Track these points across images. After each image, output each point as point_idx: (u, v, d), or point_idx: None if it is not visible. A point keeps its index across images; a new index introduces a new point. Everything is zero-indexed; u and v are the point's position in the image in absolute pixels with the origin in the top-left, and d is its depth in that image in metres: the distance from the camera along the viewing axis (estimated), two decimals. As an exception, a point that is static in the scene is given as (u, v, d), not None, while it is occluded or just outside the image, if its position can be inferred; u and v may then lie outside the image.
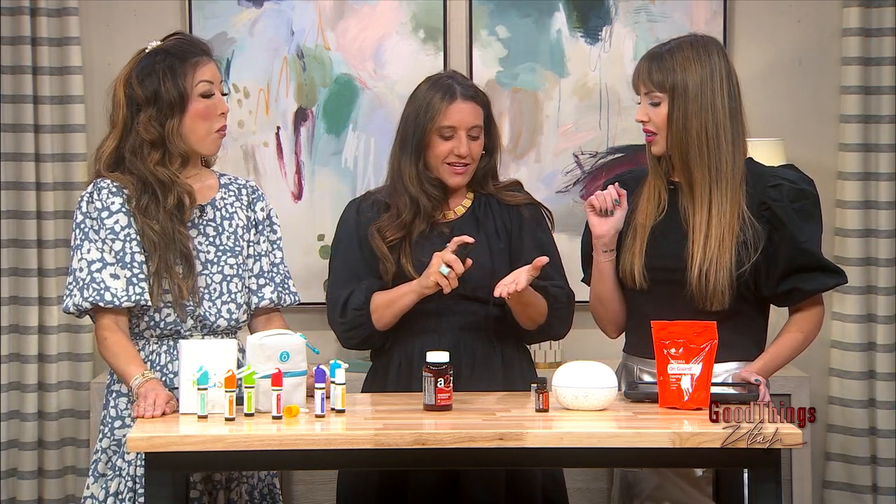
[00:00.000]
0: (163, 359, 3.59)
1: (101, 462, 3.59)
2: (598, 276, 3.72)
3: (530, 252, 3.83)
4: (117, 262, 3.54)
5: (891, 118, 5.05)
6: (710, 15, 5.11)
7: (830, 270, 3.64)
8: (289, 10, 5.10)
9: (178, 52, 3.59)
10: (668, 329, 3.43)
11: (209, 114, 3.60)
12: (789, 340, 3.64)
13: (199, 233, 3.62)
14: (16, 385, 5.03)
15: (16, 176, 5.00)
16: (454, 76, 3.92)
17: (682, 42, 3.64)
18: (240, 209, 3.69)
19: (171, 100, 3.56)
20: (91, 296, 3.52)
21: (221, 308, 3.61)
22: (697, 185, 3.59)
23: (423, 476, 3.75)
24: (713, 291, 3.55)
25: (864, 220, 5.08)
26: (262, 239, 3.71)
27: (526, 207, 3.91)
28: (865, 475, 5.10)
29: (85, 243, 3.56)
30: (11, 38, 4.96)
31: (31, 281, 5.01)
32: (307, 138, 5.13)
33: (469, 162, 3.82)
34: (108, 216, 3.56)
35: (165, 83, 3.56)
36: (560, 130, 5.15)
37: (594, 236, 3.68)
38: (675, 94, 3.58)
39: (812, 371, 5.09)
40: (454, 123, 3.81)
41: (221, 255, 3.63)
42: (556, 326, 3.85)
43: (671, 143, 3.60)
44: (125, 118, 3.58)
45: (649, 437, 3.22)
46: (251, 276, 3.68)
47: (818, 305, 3.68)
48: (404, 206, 3.82)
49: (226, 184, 3.72)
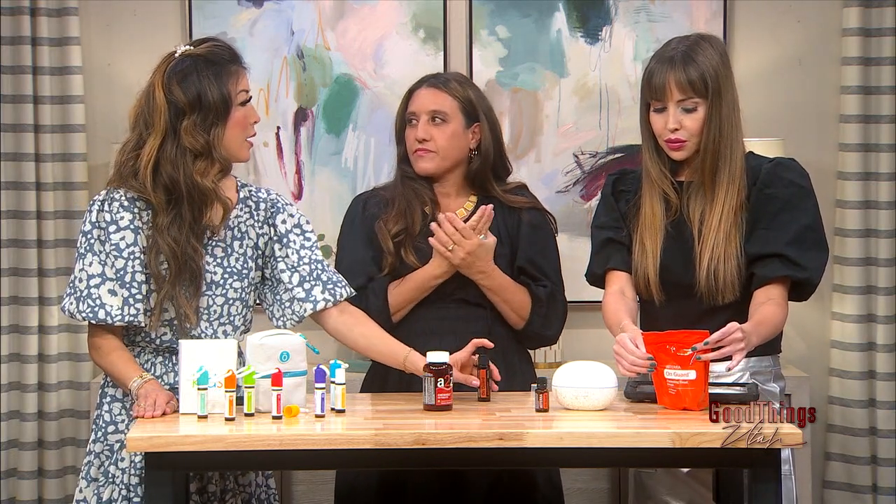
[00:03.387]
0: (158, 370, 3.55)
1: (94, 466, 3.55)
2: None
3: (523, 257, 3.85)
4: (117, 280, 3.47)
5: (891, 118, 5.05)
6: (710, 15, 5.11)
7: (790, 261, 3.55)
8: (289, 10, 5.10)
9: (217, 59, 3.52)
10: (659, 338, 3.41)
11: (246, 123, 3.57)
12: (764, 314, 3.54)
13: (208, 253, 3.55)
14: (16, 385, 5.03)
15: (16, 176, 5.00)
16: (441, 73, 3.98)
17: (696, 40, 3.60)
18: (252, 227, 3.62)
19: (216, 106, 3.49)
20: (85, 311, 3.48)
21: (218, 329, 3.55)
22: (721, 184, 3.58)
23: (421, 476, 3.75)
24: (724, 284, 3.55)
25: (864, 220, 5.08)
26: (290, 252, 3.63)
27: (527, 211, 3.91)
28: (865, 475, 5.10)
29: (88, 255, 3.50)
30: (11, 38, 4.96)
31: (31, 281, 5.01)
32: (307, 138, 5.13)
33: (432, 148, 3.85)
34: (115, 231, 3.49)
35: (211, 89, 3.48)
36: (560, 130, 5.15)
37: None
38: (713, 95, 3.54)
39: (812, 371, 5.09)
40: (414, 108, 3.90)
41: (228, 278, 3.56)
42: (536, 323, 3.86)
43: (706, 146, 3.57)
44: (167, 123, 3.48)
45: (649, 437, 3.22)
46: (293, 286, 3.61)
47: (778, 305, 3.55)
48: (400, 196, 3.86)
49: (244, 198, 3.64)
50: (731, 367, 3.41)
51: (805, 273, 3.57)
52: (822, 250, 3.62)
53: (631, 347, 3.41)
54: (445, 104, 3.87)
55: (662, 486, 3.70)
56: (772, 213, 3.57)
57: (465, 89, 3.91)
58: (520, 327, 3.86)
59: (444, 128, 3.87)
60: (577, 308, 4.48)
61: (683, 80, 3.54)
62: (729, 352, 3.36)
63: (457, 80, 3.95)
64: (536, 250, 3.88)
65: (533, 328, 3.86)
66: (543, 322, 3.86)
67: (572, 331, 4.49)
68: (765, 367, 3.64)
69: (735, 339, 3.36)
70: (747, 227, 3.58)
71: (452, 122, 3.87)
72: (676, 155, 3.61)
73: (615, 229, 3.70)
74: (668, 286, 3.62)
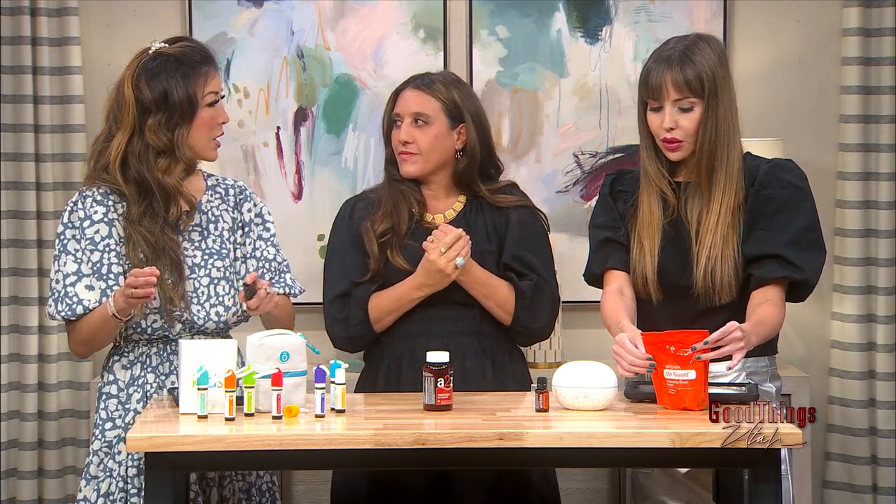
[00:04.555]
0: (153, 360, 3.60)
1: (94, 464, 3.59)
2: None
3: (510, 252, 3.84)
4: (93, 274, 3.54)
5: (891, 118, 5.05)
6: (710, 15, 5.11)
7: (788, 262, 3.54)
8: (289, 10, 5.10)
9: (188, 60, 3.58)
10: (659, 338, 3.41)
11: (213, 123, 3.61)
12: (762, 314, 3.54)
13: (185, 238, 3.62)
14: (16, 385, 5.03)
15: (16, 176, 5.00)
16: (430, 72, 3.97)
17: (694, 40, 3.59)
18: (226, 211, 3.69)
19: (181, 106, 3.55)
20: (63, 310, 3.55)
21: (210, 311, 3.60)
22: (718, 185, 3.57)
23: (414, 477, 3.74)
24: (721, 285, 3.55)
25: (864, 220, 5.08)
26: (248, 241, 3.70)
27: (515, 209, 3.91)
28: (865, 475, 5.10)
29: (62, 255, 3.57)
30: (11, 38, 4.96)
31: (31, 281, 5.01)
32: (307, 138, 5.13)
33: (414, 151, 3.85)
34: (88, 225, 3.56)
35: (178, 89, 3.55)
36: (560, 130, 5.15)
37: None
38: (710, 97, 3.54)
39: (812, 371, 5.09)
40: (399, 110, 3.90)
41: (208, 259, 3.63)
42: (523, 317, 3.84)
43: (702, 146, 3.56)
44: (134, 119, 3.56)
45: (649, 437, 3.22)
46: (238, 278, 3.68)
47: (776, 306, 3.55)
48: (386, 197, 3.87)
49: (212, 185, 3.72)
50: (731, 367, 3.41)
51: (803, 274, 3.57)
52: (820, 251, 3.62)
53: (630, 347, 3.41)
54: (428, 106, 3.86)
55: (659, 487, 3.70)
56: (769, 214, 3.57)
57: (449, 90, 3.88)
58: (508, 323, 3.86)
59: (427, 130, 3.86)
60: (577, 308, 4.49)
61: (680, 79, 3.54)
62: (728, 351, 3.36)
63: (442, 80, 3.92)
64: (523, 246, 3.87)
65: (519, 322, 3.85)
66: (529, 314, 3.84)
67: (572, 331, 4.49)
68: (761, 367, 3.64)
69: (735, 339, 3.36)
70: (745, 229, 3.58)
71: (435, 125, 3.86)
72: (673, 155, 3.60)
73: (613, 229, 3.70)
74: (665, 286, 3.62)
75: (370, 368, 3.89)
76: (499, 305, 3.83)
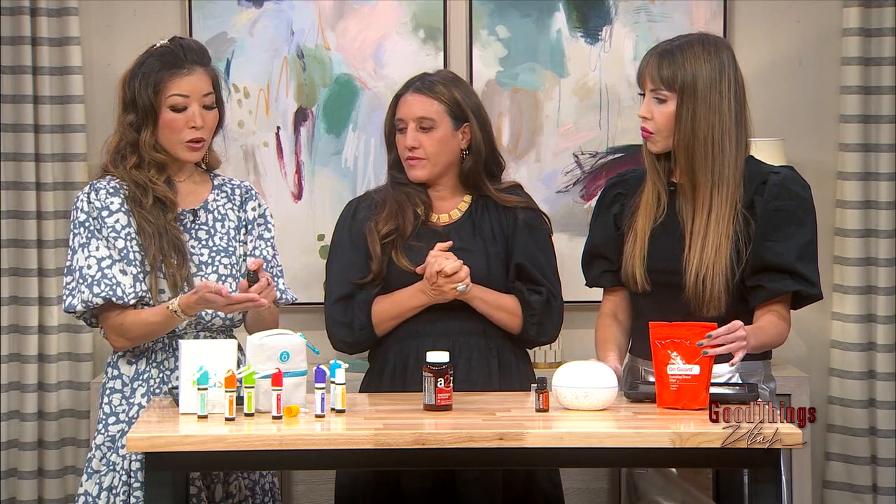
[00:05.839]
0: (159, 356, 3.62)
1: (96, 459, 3.60)
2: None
3: (519, 257, 3.84)
4: (122, 259, 3.56)
5: (891, 118, 5.05)
6: (710, 15, 5.11)
7: (801, 277, 3.56)
8: (289, 10, 5.10)
9: (164, 61, 3.61)
10: (666, 330, 3.42)
11: (176, 127, 3.61)
12: (766, 321, 3.57)
13: (192, 237, 3.64)
14: (16, 385, 5.03)
15: (16, 176, 5.00)
16: (428, 73, 3.96)
17: (692, 40, 3.60)
18: (231, 210, 3.71)
19: (144, 109, 3.60)
20: (103, 291, 3.54)
21: None
22: (700, 188, 3.57)
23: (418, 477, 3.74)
24: (710, 298, 3.54)
25: (864, 220, 5.08)
26: (249, 239, 3.72)
27: (521, 210, 3.90)
28: (865, 475, 5.10)
29: (92, 241, 3.58)
30: (11, 38, 4.96)
31: (31, 281, 5.01)
32: (307, 138, 5.13)
33: (422, 156, 3.84)
34: (108, 215, 3.59)
35: (142, 92, 3.60)
36: (560, 130, 5.15)
37: None
38: (685, 94, 3.54)
39: (812, 371, 5.09)
40: (402, 116, 3.88)
41: (215, 256, 3.65)
42: (532, 333, 3.85)
43: (677, 144, 3.57)
44: (120, 117, 3.65)
45: (649, 437, 3.22)
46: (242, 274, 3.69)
47: (782, 318, 3.57)
48: (391, 199, 3.86)
49: (219, 185, 3.74)
50: (732, 363, 3.41)
51: (815, 289, 3.58)
52: (816, 262, 3.62)
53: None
54: (431, 110, 3.85)
55: (654, 487, 3.70)
56: (779, 224, 3.57)
57: (450, 90, 3.87)
58: (516, 332, 3.85)
59: (433, 134, 3.85)
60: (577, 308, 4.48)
61: (654, 69, 3.57)
62: (729, 349, 3.36)
63: (442, 81, 3.90)
64: (532, 253, 3.86)
65: (528, 335, 3.85)
66: (539, 329, 3.85)
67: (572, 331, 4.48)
68: (755, 368, 3.63)
69: (738, 337, 3.36)
70: (753, 238, 3.56)
71: (440, 128, 3.85)
72: (649, 146, 3.63)
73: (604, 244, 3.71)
74: (657, 286, 3.62)
75: (375, 370, 3.88)
76: (503, 321, 3.83)
